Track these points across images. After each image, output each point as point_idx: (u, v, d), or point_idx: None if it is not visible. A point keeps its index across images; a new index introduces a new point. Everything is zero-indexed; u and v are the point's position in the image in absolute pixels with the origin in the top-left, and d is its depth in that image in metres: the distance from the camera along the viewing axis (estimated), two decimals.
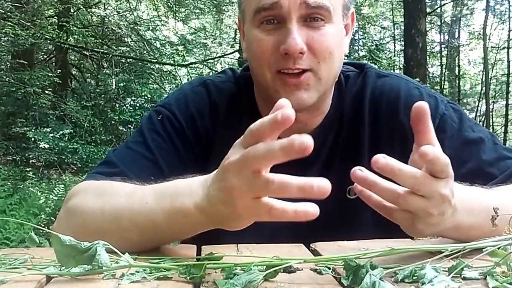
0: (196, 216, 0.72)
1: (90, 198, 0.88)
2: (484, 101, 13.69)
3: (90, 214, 0.84)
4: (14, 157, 7.93)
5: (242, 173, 0.60)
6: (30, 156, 7.86)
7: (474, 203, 0.82)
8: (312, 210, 0.59)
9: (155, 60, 9.93)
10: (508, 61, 13.85)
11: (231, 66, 3.94)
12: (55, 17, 9.58)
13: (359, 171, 0.66)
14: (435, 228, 0.73)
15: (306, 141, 0.56)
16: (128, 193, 0.84)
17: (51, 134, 7.57)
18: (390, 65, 10.36)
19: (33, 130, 7.54)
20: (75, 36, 9.39)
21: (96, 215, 0.83)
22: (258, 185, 0.59)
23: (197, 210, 0.71)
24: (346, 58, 1.04)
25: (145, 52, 10.01)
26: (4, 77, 8.10)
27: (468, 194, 0.83)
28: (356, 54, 10.20)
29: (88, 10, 9.71)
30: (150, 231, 0.78)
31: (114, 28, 9.65)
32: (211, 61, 11.13)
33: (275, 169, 0.67)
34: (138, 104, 8.79)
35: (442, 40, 16.04)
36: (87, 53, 10.01)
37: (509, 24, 14.10)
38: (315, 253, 0.81)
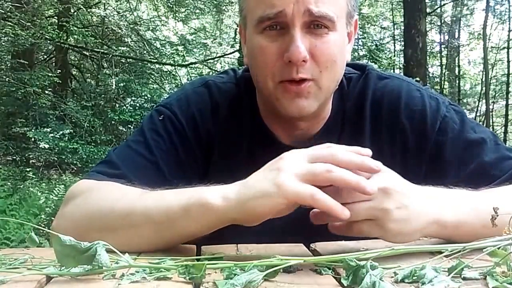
0: (216, 206, 0.73)
1: (97, 196, 0.87)
2: (484, 101, 13.68)
3: (99, 211, 0.84)
4: (14, 157, 7.93)
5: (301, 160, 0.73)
6: (30, 156, 7.86)
7: (457, 199, 0.83)
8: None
9: (155, 60, 9.93)
10: (508, 61, 13.84)
11: (232, 66, 3.93)
12: (55, 17, 9.57)
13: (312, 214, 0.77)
14: (411, 224, 0.75)
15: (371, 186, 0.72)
16: (142, 192, 0.85)
17: (51, 134, 7.56)
18: (390, 65, 10.36)
19: (33, 130, 7.53)
20: (75, 36, 9.38)
21: (106, 212, 0.83)
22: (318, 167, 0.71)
23: (222, 198, 0.74)
24: None
25: (145, 52, 10.00)
26: (4, 77, 8.09)
27: (449, 192, 0.84)
28: (356, 54, 10.19)
29: (88, 10, 9.70)
30: (164, 226, 0.78)
31: (114, 28, 9.64)
32: (211, 61, 11.13)
33: None
34: (138, 104, 8.78)
35: (442, 40, 16.04)
36: (87, 53, 10.00)
37: (509, 24, 14.09)
38: (315, 253, 0.81)
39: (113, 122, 8.67)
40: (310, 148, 0.76)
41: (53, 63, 10.42)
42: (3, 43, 8.38)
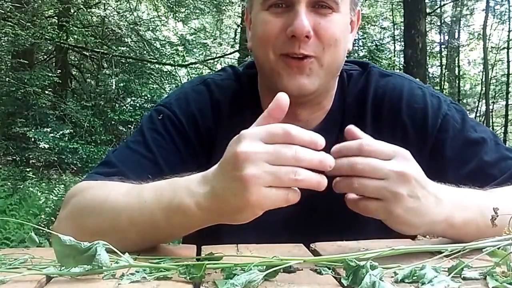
0: (195, 213, 0.73)
1: (88, 198, 0.88)
2: (484, 101, 13.69)
3: (89, 215, 0.84)
4: (14, 157, 7.92)
5: (261, 162, 0.65)
6: (30, 156, 7.86)
7: (466, 199, 0.83)
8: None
9: (155, 60, 9.92)
10: (508, 62, 13.85)
11: (230, 64, 3.92)
12: (55, 17, 9.57)
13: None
14: (419, 217, 0.74)
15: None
16: (126, 192, 0.84)
17: (51, 134, 7.56)
18: (390, 65, 10.36)
19: (33, 130, 7.53)
20: (75, 36, 9.38)
21: (95, 215, 0.83)
22: (284, 172, 0.66)
23: (197, 207, 0.72)
24: (347, 57, 1.04)
25: (145, 52, 9.99)
26: (4, 77, 8.09)
27: (460, 192, 0.84)
28: (356, 54, 10.20)
29: (88, 10, 9.70)
30: (149, 229, 0.79)
31: (114, 28, 9.63)
32: (211, 61, 11.13)
33: None
34: (138, 104, 8.78)
35: (442, 41, 16.05)
36: (87, 53, 10.00)
37: (509, 24, 14.10)
38: (315, 253, 0.81)
39: (113, 122, 8.67)
40: (261, 132, 0.69)
41: (53, 63, 10.42)
42: (3, 43, 8.38)
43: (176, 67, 10.18)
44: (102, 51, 9.23)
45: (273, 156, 0.66)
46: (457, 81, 15.95)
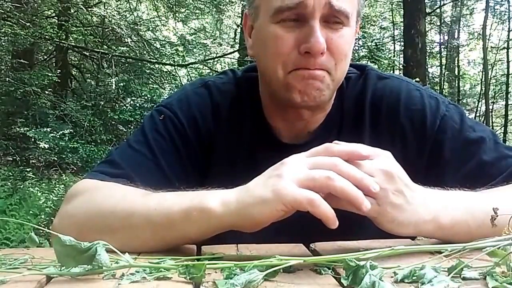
0: (216, 212, 0.74)
1: (100, 196, 0.87)
2: (483, 101, 13.69)
3: (99, 212, 0.84)
4: (14, 157, 7.92)
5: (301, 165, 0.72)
6: (30, 156, 7.86)
7: (453, 200, 0.83)
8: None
9: (155, 60, 9.92)
10: (508, 62, 13.85)
11: (232, 67, 3.94)
12: (55, 17, 9.57)
13: None
14: (406, 213, 0.76)
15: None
16: (144, 193, 0.85)
17: (51, 134, 7.56)
18: (390, 65, 10.36)
19: (33, 130, 7.53)
20: (75, 36, 9.38)
21: (107, 212, 0.83)
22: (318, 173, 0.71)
23: (222, 205, 0.74)
24: None
25: (145, 52, 9.99)
26: (4, 76, 8.09)
27: (447, 194, 0.84)
28: (356, 54, 10.19)
29: (89, 9, 9.70)
30: (163, 229, 0.78)
31: (114, 28, 9.63)
32: (211, 61, 11.13)
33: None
34: (138, 104, 8.79)
35: (441, 41, 16.05)
36: (87, 53, 10.00)
37: (509, 24, 14.11)
38: (315, 253, 0.81)
39: (113, 122, 8.67)
40: (312, 153, 0.76)
41: (53, 63, 10.42)
42: (3, 43, 8.38)
43: (176, 67, 10.18)
44: (102, 51, 9.22)
45: (312, 161, 0.74)
46: (456, 81, 15.96)
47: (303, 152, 0.77)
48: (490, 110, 13.41)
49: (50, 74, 8.42)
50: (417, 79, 6.37)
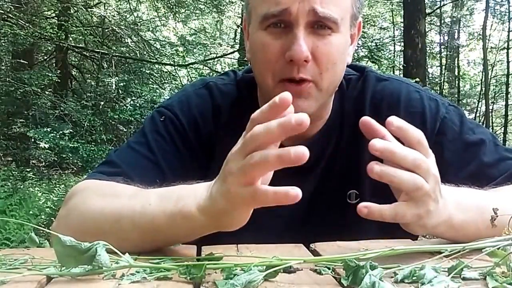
0: (197, 218, 0.72)
1: (91, 198, 0.87)
2: (483, 101, 13.69)
3: (90, 214, 0.84)
4: (14, 157, 7.93)
5: (240, 180, 0.64)
6: (30, 156, 7.86)
7: (466, 200, 0.82)
8: (293, 192, 0.61)
9: (155, 61, 9.93)
10: (508, 62, 13.86)
11: (233, 68, 3.94)
12: (55, 17, 9.58)
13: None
14: (431, 218, 0.73)
15: (302, 150, 0.61)
16: (131, 195, 0.84)
17: (51, 134, 7.57)
18: (390, 65, 10.37)
19: (33, 130, 7.53)
20: (74, 36, 9.39)
21: (97, 215, 0.83)
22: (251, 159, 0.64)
23: (198, 211, 0.72)
24: None
25: (145, 52, 10.00)
26: (4, 76, 8.09)
27: (460, 192, 0.84)
28: (356, 54, 10.20)
29: (89, 10, 9.70)
30: (151, 232, 0.78)
31: (114, 28, 9.64)
32: (211, 61, 11.13)
33: (275, 171, 0.69)
34: (138, 104, 8.80)
35: (441, 41, 16.06)
36: (87, 54, 10.00)
37: (509, 24, 14.11)
38: (315, 253, 0.81)
39: (113, 121, 8.67)
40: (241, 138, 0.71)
41: (53, 63, 10.42)
42: (3, 43, 8.39)
43: (176, 67, 10.19)
44: (102, 51, 9.23)
45: (247, 141, 0.66)
46: (456, 82, 15.97)
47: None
48: (490, 110, 13.43)
49: (50, 74, 8.43)
50: (417, 80, 6.38)
